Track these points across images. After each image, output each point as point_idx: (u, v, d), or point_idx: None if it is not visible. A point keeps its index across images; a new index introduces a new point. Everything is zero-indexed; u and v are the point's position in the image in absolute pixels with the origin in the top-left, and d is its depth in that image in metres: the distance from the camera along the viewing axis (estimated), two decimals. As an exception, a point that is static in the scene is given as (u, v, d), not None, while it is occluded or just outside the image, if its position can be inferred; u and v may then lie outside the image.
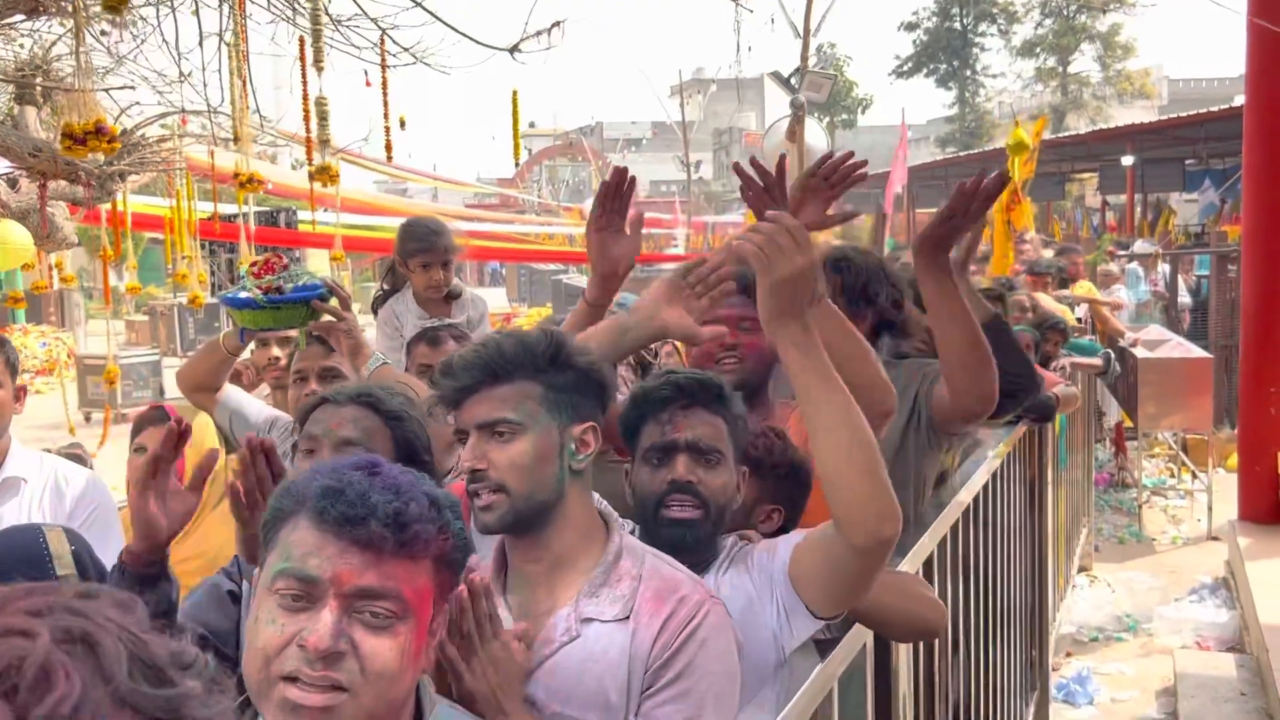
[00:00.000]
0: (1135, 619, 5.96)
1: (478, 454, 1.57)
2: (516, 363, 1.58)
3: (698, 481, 1.82)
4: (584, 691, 1.53)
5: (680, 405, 1.85)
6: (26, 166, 5.57)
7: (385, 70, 6.00)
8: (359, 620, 1.17)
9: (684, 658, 1.52)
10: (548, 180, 44.51)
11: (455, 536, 1.26)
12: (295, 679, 1.15)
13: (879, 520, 1.59)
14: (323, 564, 1.17)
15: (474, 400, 1.59)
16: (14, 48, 7.81)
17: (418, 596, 1.21)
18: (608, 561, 1.60)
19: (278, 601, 1.18)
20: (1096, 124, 30.93)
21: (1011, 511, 4.06)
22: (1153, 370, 7.61)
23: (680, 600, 1.56)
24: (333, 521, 1.18)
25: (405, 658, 1.20)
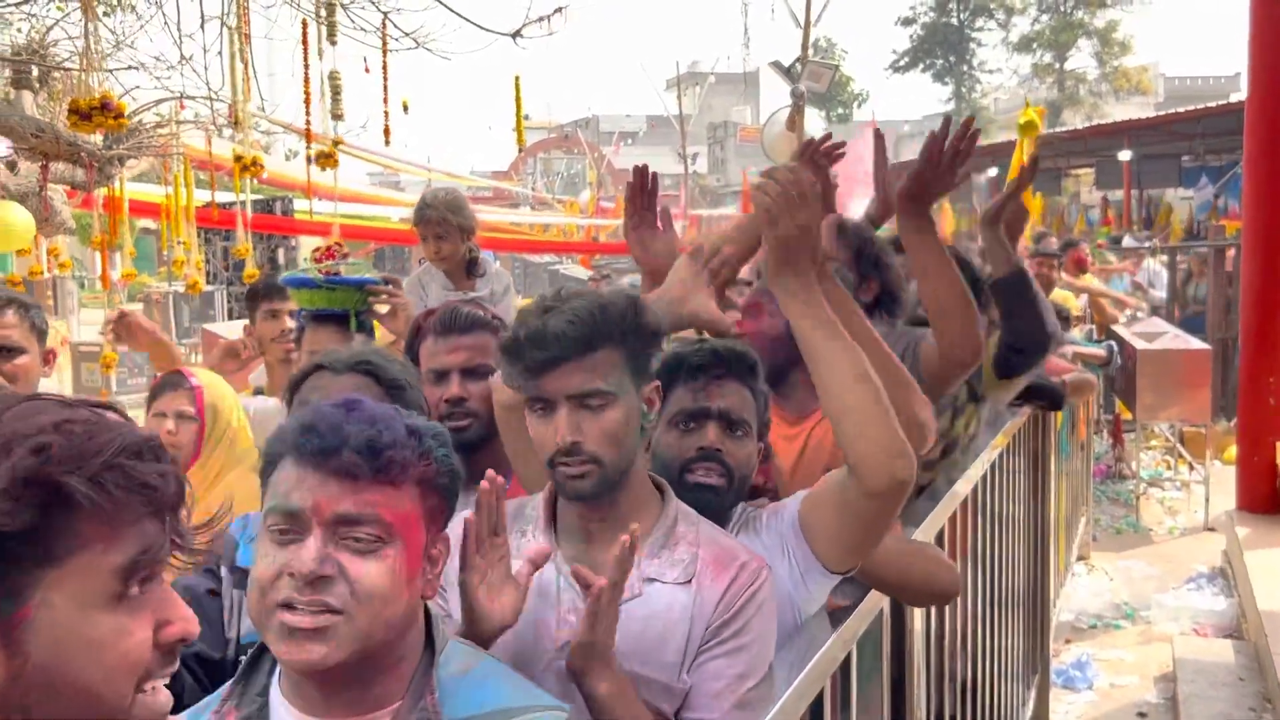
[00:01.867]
0: (1133, 607, 5.98)
1: (572, 426, 1.55)
2: (606, 332, 1.57)
3: (725, 451, 1.85)
4: (643, 648, 1.57)
5: (715, 374, 1.88)
6: (29, 147, 5.56)
7: (386, 54, 6.00)
8: (345, 546, 1.23)
9: (742, 619, 1.58)
10: (542, 173, 44.43)
11: (439, 463, 1.30)
12: (290, 606, 1.21)
13: (892, 461, 1.63)
14: (303, 495, 1.24)
15: (563, 370, 1.56)
16: (11, 32, 7.78)
17: (401, 521, 1.26)
18: (666, 525, 1.64)
19: (270, 538, 1.25)
20: (1093, 120, 30.98)
21: (1015, 499, 4.07)
22: (1151, 361, 7.62)
23: (741, 566, 1.61)
24: (309, 455, 1.24)
25: (396, 580, 1.25)
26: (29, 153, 5.78)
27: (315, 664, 1.21)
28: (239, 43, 5.47)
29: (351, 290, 2.87)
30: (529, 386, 1.58)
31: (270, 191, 14.48)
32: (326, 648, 1.21)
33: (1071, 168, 25.07)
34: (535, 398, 1.59)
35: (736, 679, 1.57)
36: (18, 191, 6.65)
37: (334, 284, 2.87)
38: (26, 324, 2.62)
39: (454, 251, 3.76)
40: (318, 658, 1.21)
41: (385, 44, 5.94)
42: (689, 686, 1.57)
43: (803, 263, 1.66)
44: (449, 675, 1.30)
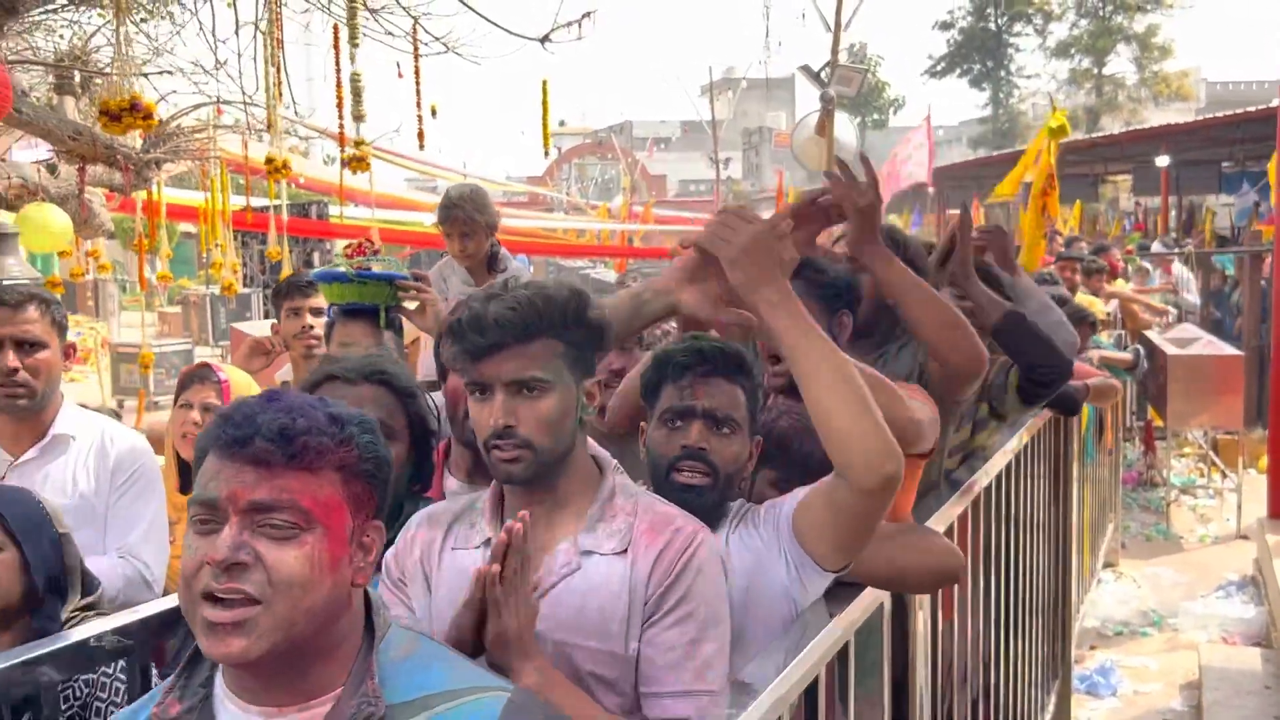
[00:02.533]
0: (1160, 614, 5.93)
1: (507, 410, 1.58)
2: (547, 321, 1.59)
3: (710, 449, 1.87)
4: (585, 621, 1.59)
5: (701, 372, 1.90)
6: (66, 150, 5.68)
7: (417, 58, 6.07)
8: (262, 533, 1.23)
9: (683, 585, 1.59)
10: (577, 178, 44.60)
11: (362, 450, 1.30)
12: (211, 597, 1.21)
13: (880, 458, 1.64)
14: (220, 485, 1.24)
15: (501, 356, 1.59)
16: (54, 39, 7.95)
17: (321, 507, 1.25)
18: (603, 499, 1.66)
19: (193, 529, 1.26)
20: (1132, 126, 30.64)
21: (1035, 501, 4.06)
22: (1182, 367, 7.56)
23: (675, 531, 1.62)
24: (225, 445, 1.25)
25: (316, 566, 1.24)
26: (67, 155, 5.91)
27: (237, 657, 1.22)
28: (271, 47, 5.57)
29: (381, 285, 2.91)
30: (468, 370, 1.61)
31: (308, 196, 14.65)
32: (247, 640, 1.21)
33: (1109, 174, 24.82)
34: (473, 381, 1.62)
35: (690, 645, 1.58)
36: (57, 194, 6.79)
37: (364, 279, 2.91)
38: (48, 319, 2.66)
39: (479, 248, 3.84)
40: (239, 651, 1.21)
41: (416, 48, 6.02)
42: (637, 654, 1.59)
43: (772, 270, 1.67)
44: (390, 660, 1.31)
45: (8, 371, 2.57)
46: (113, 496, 2.67)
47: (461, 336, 1.59)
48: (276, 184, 7.92)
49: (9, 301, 2.61)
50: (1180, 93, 41.12)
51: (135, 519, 2.68)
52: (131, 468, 2.70)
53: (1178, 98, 40.77)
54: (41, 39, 7.52)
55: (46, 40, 7.93)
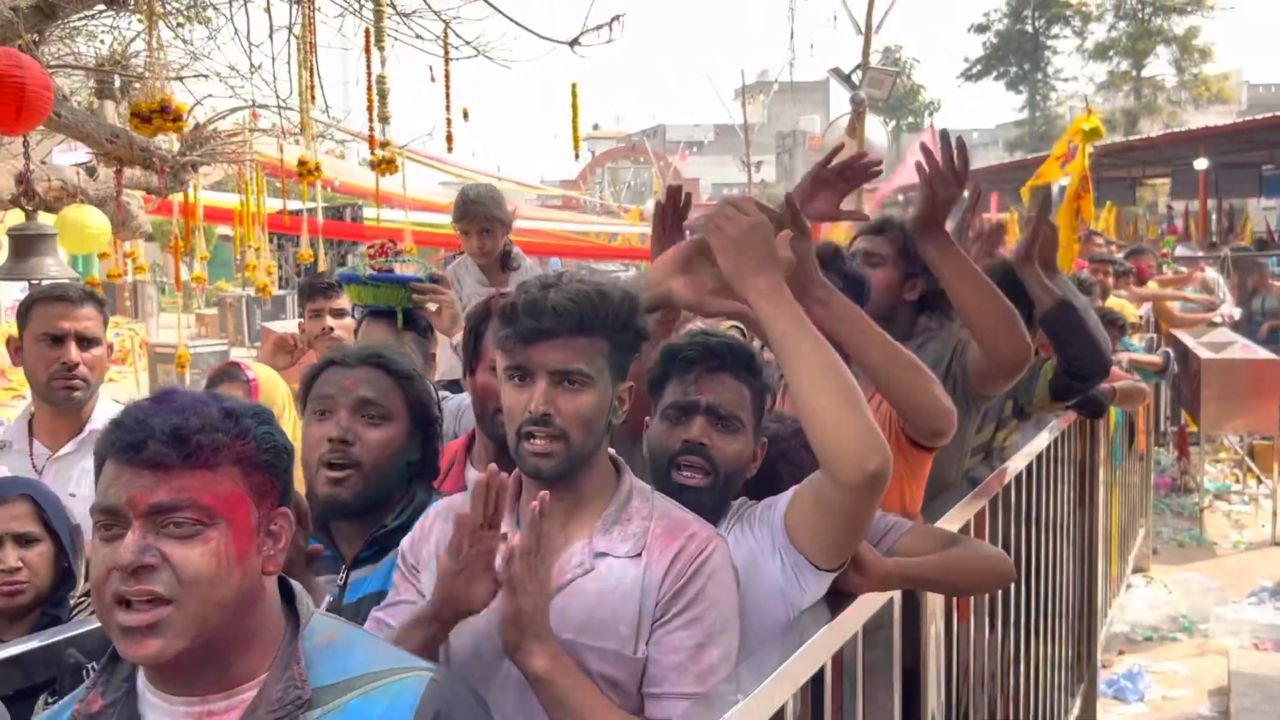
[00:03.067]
0: (1191, 619, 5.87)
1: (548, 398, 1.58)
2: (599, 319, 1.60)
3: (711, 445, 1.86)
4: (596, 621, 1.59)
5: (707, 367, 1.89)
6: (104, 152, 5.79)
7: (448, 62, 6.14)
8: (166, 534, 1.24)
9: (693, 588, 1.59)
10: (610, 182, 44.69)
11: (259, 441, 1.30)
12: (123, 601, 1.23)
13: (864, 455, 1.62)
14: (118, 491, 1.25)
15: (551, 344, 1.59)
16: (95, 44, 8.09)
17: (223, 502, 1.26)
18: (620, 501, 1.67)
19: (98, 536, 1.26)
20: (1171, 129, 30.29)
21: (1059, 505, 4.04)
22: (1216, 371, 7.47)
23: (690, 537, 1.63)
24: (119, 451, 1.26)
25: (222, 561, 1.25)
26: (105, 158, 6.02)
27: (154, 658, 1.23)
28: (304, 51, 5.66)
29: (397, 287, 2.94)
30: (515, 353, 1.61)
31: (343, 199, 14.82)
32: (162, 641, 1.22)
33: (1146, 177, 24.56)
34: (516, 366, 1.62)
35: (695, 649, 1.58)
36: (96, 196, 6.92)
37: (379, 280, 2.94)
38: (101, 318, 2.78)
39: (496, 246, 3.89)
40: (155, 651, 1.22)
41: (447, 52, 6.09)
42: (645, 657, 1.59)
43: (765, 261, 1.68)
44: (313, 646, 1.33)
45: (71, 365, 2.67)
46: None
47: (515, 319, 1.59)
48: (310, 187, 8.04)
49: (72, 298, 2.71)
50: (1221, 95, 40.61)
51: None
52: None
53: (1218, 100, 40.26)
54: (83, 44, 7.67)
55: (88, 45, 8.10)
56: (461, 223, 3.99)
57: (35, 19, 5.07)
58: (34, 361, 2.70)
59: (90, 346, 2.72)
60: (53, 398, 2.71)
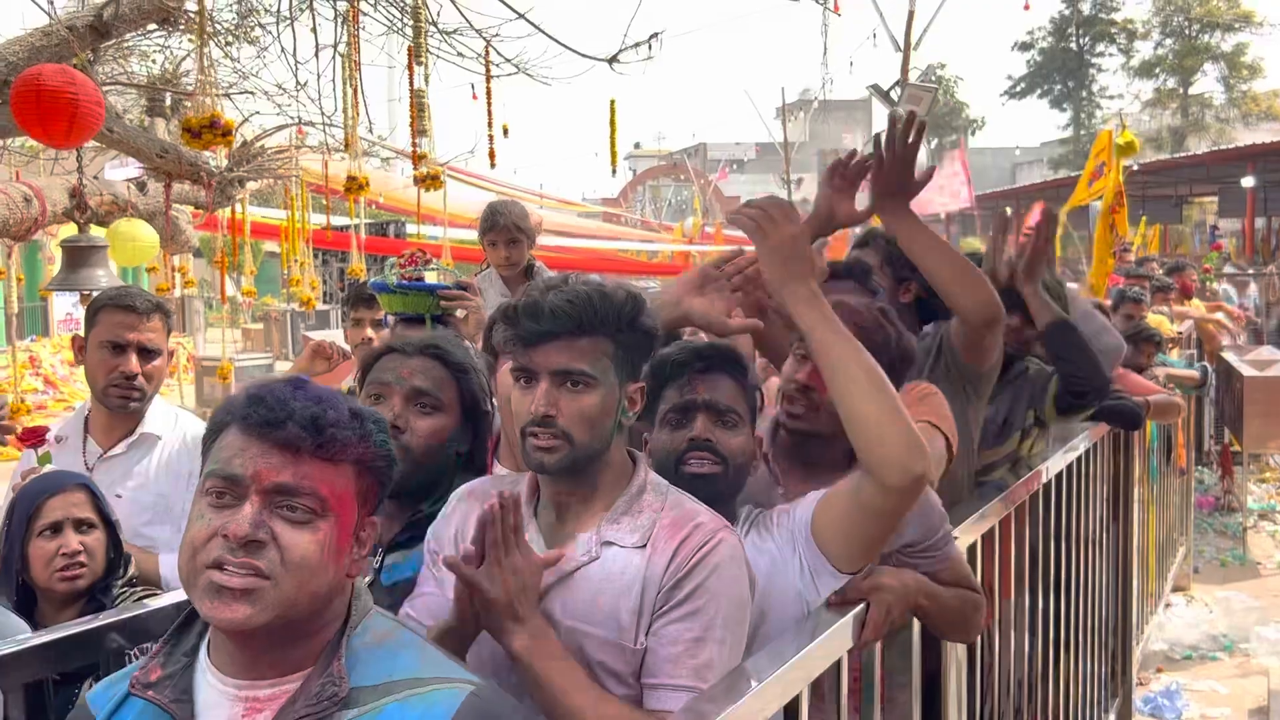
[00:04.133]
0: (1232, 639, 5.79)
1: (549, 400, 1.61)
2: (601, 318, 1.62)
3: (715, 440, 1.90)
4: (598, 611, 1.60)
5: (698, 369, 1.94)
6: (154, 167, 5.95)
7: (489, 79, 6.25)
8: (279, 515, 1.27)
9: (694, 580, 1.58)
10: (651, 200, 44.84)
11: (377, 447, 1.34)
12: (220, 565, 1.25)
13: (909, 456, 1.67)
14: (245, 463, 1.28)
15: (552, 346, 1.61)
16: (148, 64, 8.32)
17: (336, 497, 1.30)
18: (631, 493, 1.68)
19: (208, 501, 1.29)
20: (1219, 146, 29.89)
21: (1092, 520, 4.02)
22: (1260, 389, 7.39)
23: (695, 528, 1.63)
24: (255, 425, 1.28)
25: (325, 552, 1.29)
26: (154, 172, 6.18)
27: (239, 623, 1.25)
28: (349, 69, 5.79)
29: (425, 295, 3.00)
30: (518, 355, 1.65)
31: (387, 216, 15.03)
32: (251, 609, 1.25)
33: (1194, 195, 24.28)
34: (521, 368, 1.66)
35: (692, 643, 1.57)
36: (145, 211, 7.11)
37: (407, 289, 3.00)
38: (165, 329, 2.83)
39: (521, 257, 4.01)
40: (241, 617, 1.24)
41: (488, 69, 6.20)
42: (644, 649, 1.59)
43: (802, 270, 1.74)
44: (363, 645, 1.34)
45: (130, 376, 2.73)
46: (190, 496, 2.80)
47: (515, 321, 1.63)
48: (356, 203, 8.19)
49: (139, 308, 2.75)
50: (1271, 112, 40.00)
51: None
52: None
53: (1269, 117, 39.65)
54: (136, 63, 7.89)
55: (141, 65, 8.32)
56: (489, 234, 4.12)
57: (90, 38, 5.24)
58: (95, 366, 2.76)
59: (151, 358, 2.78)
60: (108, 403, 2.77)
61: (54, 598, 2.22)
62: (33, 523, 2.21)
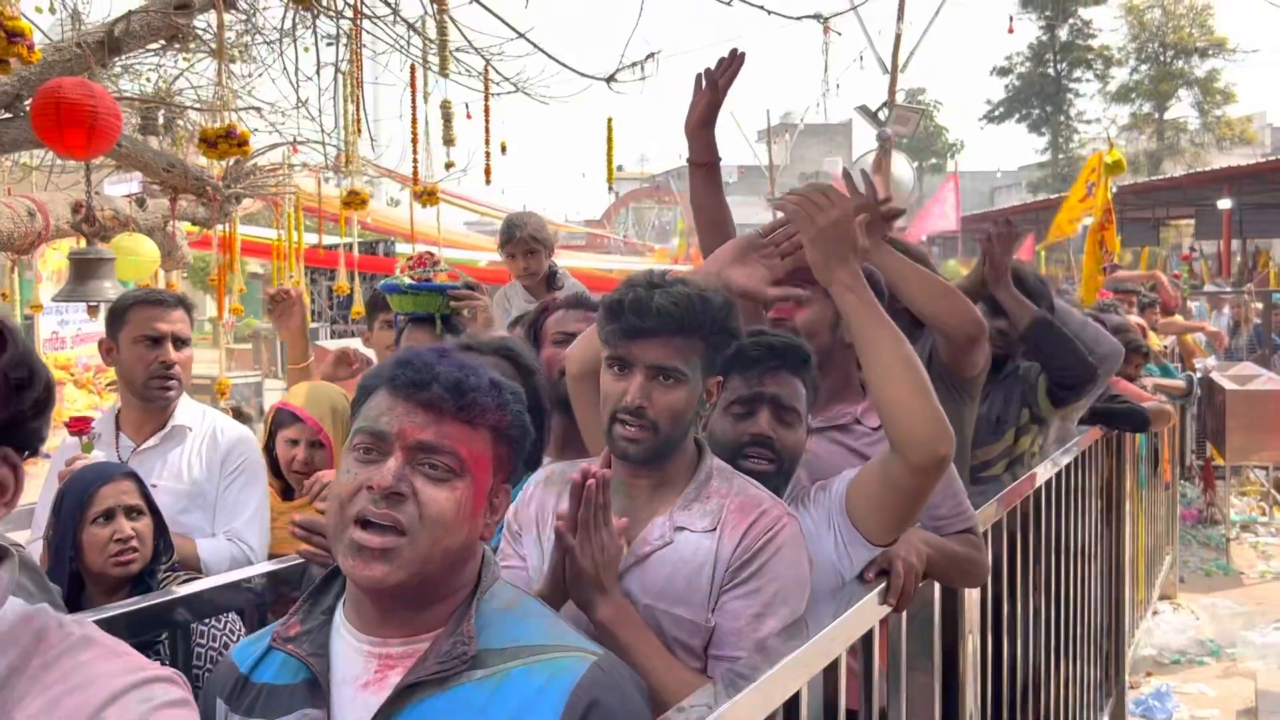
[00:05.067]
0: (1218, 644, 5.92)
1: (644, 393, 1.71)
2: (698, 321, 1.72)
3: (776, 438, 2.00)
4: (673, 589, 1.73)
5: (770, 365, 2.03)
6: (160, 181, 6.03)
7: (488, 97, 6.36)
8: (420, 471, 1.34)
9: (758, 561, 1.71)
10: (634, 222, 45.05)
11: (513, 416, 1.42)
12: (363, 521, 1.32)
13: (935, 437, 1.79)
14: (391, 421, 1.36)
15: (652, 342, 1.71)
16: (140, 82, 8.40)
17: (474, 458, 1.37)
18: (700, 481, 1.80)
19: (355, 456, 1.37)
20: (1194, 170, 30.33)
21: (1086, 527, 4.13)
22: (1241, 402, 7.57)
23: (762, 513, 1.75)
24: (402, 386, 1.36)
25: (460, 511, 1.35)
26: (160, 187, 6.26)
27: (377, 580, 1.31)
28: (351, 86, 5.89)
29: (435, 295, 3.13)
30: (617, 346, 1.75)
31: (375, 235, 15.09)
32: (389, 567, 1.31)
33: (1170, 217, 24.62)
34: (617, 357, 1.75)
35: (754, 618, 1.69)
36: (145, 226, 7.18)
37: (418, 289, 3.13)
38: (189, 320, 2.97)
39: (540, 267, 4.14)
40: (380, 575, 1.31)
41: (487, 88, 6.31)
42: (714, 624, 1.71)
43: (847, 254, 1.83)
44: (492, 609, 1.39)
45: (169, 364, 2.83)
46: (222, 484, 2.90)
47: (620, 315, 1.73)
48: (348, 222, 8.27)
49: (167, 301, 2.88)
50: (1244, 137, 40.63)
51: (242, 505, 2.90)
52: (240, 459, 2.94)
53: (1242, 142, 40.27)
54: (128, 81, 7.96)
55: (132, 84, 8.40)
56: (507, 246, 4.25)
57: (101, 54, 5.32)
58: (132, 362, 2.84)
59: (183, 347, 2.90)
60: (150, 396, 2.86)
61: (105, 582, 2.30)
62: (85, 510, 2.29)
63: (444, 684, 1.32)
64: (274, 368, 15.22)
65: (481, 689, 1.32)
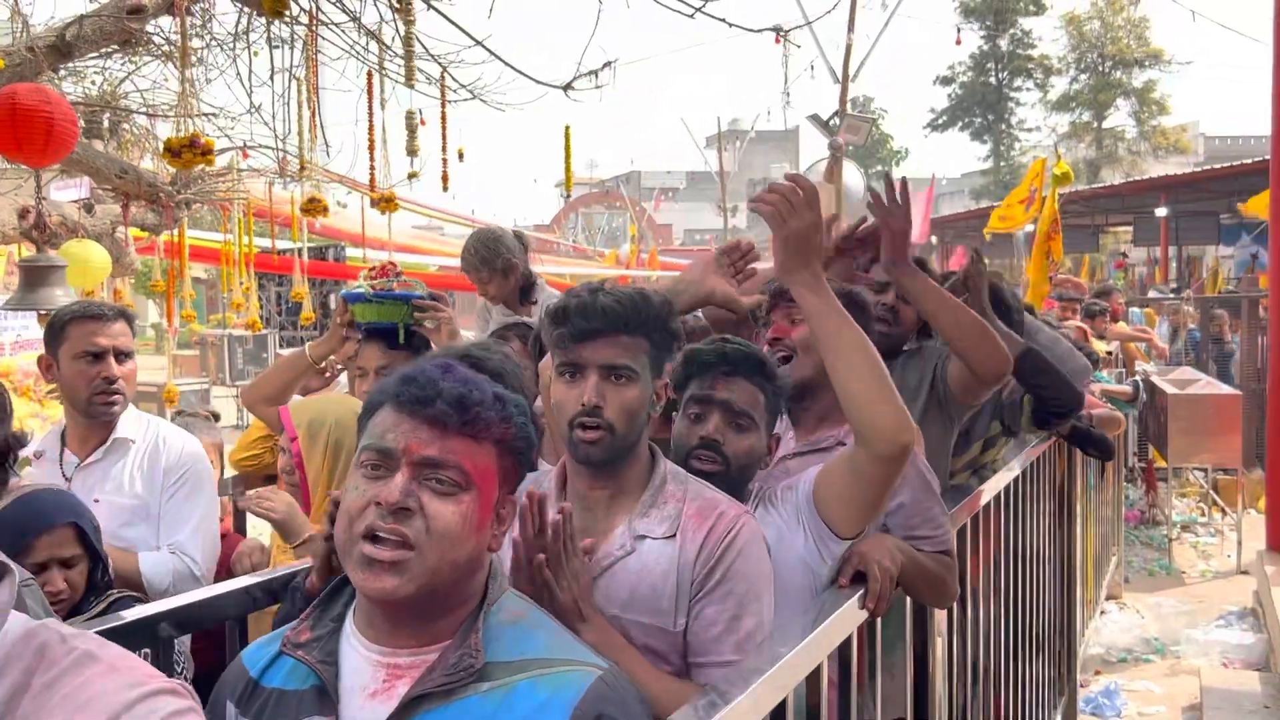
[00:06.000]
0: (1163, 642, 6.08)
1: (598, 391, 1.76)
2: (642, 319, 1.78)
3: (724, 442, 2.05)
4: (638, 598, 1.77)
5: (723, 370, 2.08)
6: (113, 187, 5.96)
7: (444, 104, 6.36)
8: (427, 486, 1.37)
9: (725, 564, 1.76)
10: (584, 227, 45.06)
11: (518, 428, 1.44)
12: (372, 536, 1.35)
13: (897, 428, 1.86)
14: (397, 437, 1.38)
15: (600, 342, 1.76)
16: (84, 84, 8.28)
17: (479, 472, 1.40)
18: (655, 486, 1.84)
19: (362, 473, 1.40)
20: (1131, 178, 31.03)
21: (1039, 530, 4.23)
22: (1182, 406, 7.78)
23: (719, 515, 1.80)
24: (406, 403, 1.39)
25: (467, 524, 1.38)
26: (112, 193, 6.18)
27: (387, 593, 1.34)
28: (306, 92, 5.86)
29: (399, 304, 3.09)
30: (567, 352, 1.79)
31: (324, 240, 14.97)
32: (399, 580, 1.33)
33: (1109, 225, 25.16)
34: (568, 362, 1.80)
35: (731, 620, 1.73)
36: (93, 232, 7.06)
37: (382, 298, 3.09)
38: (130, 332, 2.89)
39: (501, 290, 4.09)
40: (390, 587, 1.33)
41: (444, 95, 6.31)
42: (683, 629, 1.75)
43: (811, 257, 1.89)
44: (499, 622, 1.41)
45: (112, 379, 2.76)
46: (164, 496, 2.84)
47: (567, 319, 1.78)
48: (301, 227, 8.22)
49: (108, 315, 2.80)
50: (1179, 146, 41.67)
51: (185, 518, 2.83)
52: (181, 470, 2.87)
53: (1176, 151, 41.29)
54: (71, 85, 7.83)
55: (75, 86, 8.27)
56: (470, 273, 4.21)
57: (52, 58, 5.25)
58: (74, 378, 2.77)
59: (126, 360, 2.82)
60: (93, 412, 2.79)
61: None
62: (20, 558, 2.19)
63: (450, 695, 1.34)
64: (221, 375, 15.02)
65: (488, 701, 1.34)
